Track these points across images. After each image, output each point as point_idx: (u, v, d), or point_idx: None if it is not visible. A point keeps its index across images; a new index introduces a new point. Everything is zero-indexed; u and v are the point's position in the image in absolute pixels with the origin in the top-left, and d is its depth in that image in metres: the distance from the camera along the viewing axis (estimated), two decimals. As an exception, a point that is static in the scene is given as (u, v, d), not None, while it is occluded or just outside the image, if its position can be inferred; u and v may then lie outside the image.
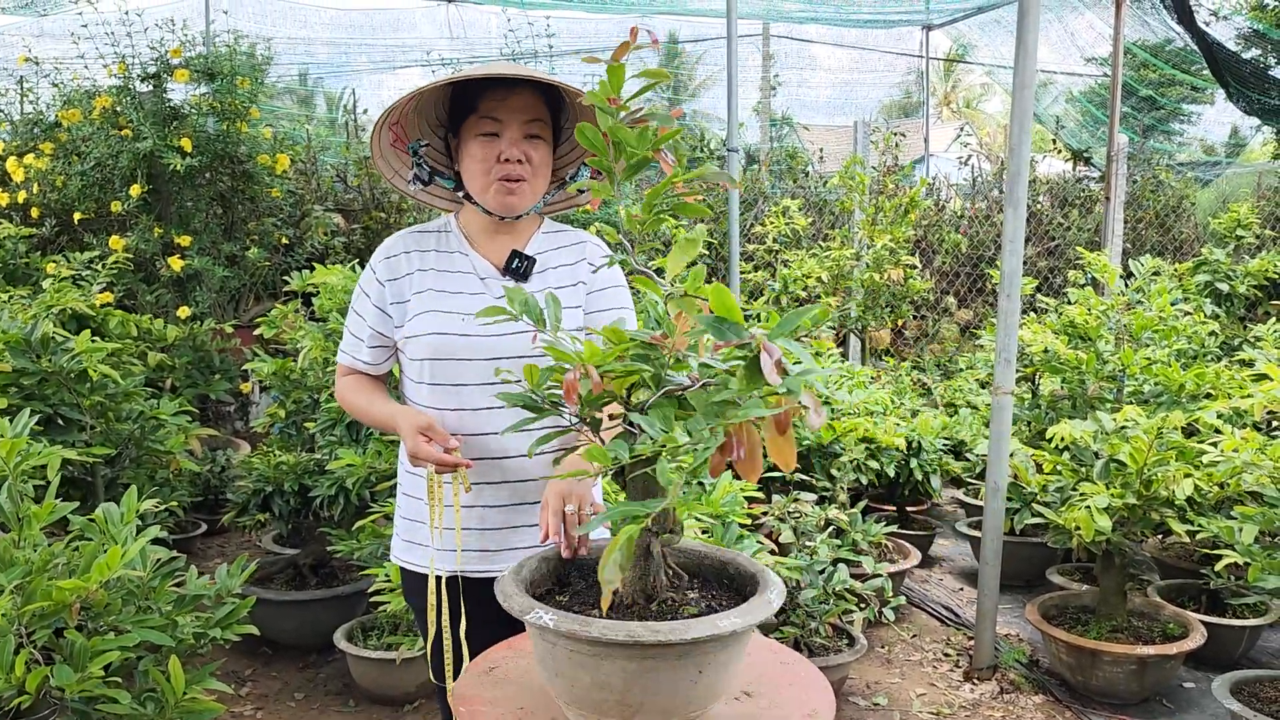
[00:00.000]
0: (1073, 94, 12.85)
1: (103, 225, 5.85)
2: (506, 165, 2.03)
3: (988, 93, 31.65)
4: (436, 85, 2.01)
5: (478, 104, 2.02)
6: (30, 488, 2.37)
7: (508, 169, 2.03)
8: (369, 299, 2.14)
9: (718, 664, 1.43)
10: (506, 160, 2.03)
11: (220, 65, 5.84)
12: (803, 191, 8.88)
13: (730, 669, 1.47)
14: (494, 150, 2.03)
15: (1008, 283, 3.90)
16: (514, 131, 2.03)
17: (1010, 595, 4.76)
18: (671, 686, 1.41)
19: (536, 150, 2.07)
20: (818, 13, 10.51)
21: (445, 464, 1.92)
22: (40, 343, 3.35)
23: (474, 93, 2.02)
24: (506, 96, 2.01)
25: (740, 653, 1.48)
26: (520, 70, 2.00)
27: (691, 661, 1.39)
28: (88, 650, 2.04)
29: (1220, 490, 3.55)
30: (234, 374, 5.30)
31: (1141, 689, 3.76)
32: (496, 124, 2.03)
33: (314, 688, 3.89)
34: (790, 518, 3.98)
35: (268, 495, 4.07)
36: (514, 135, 2.03)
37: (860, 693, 3.92)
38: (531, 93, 2.03)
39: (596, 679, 1.41)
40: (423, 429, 1.93)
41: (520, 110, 2.02)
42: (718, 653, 1.41)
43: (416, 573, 2.16)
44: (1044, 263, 9.21)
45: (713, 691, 1.46)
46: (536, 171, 2.08)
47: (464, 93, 2.06)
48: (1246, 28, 11.22)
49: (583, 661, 1.40)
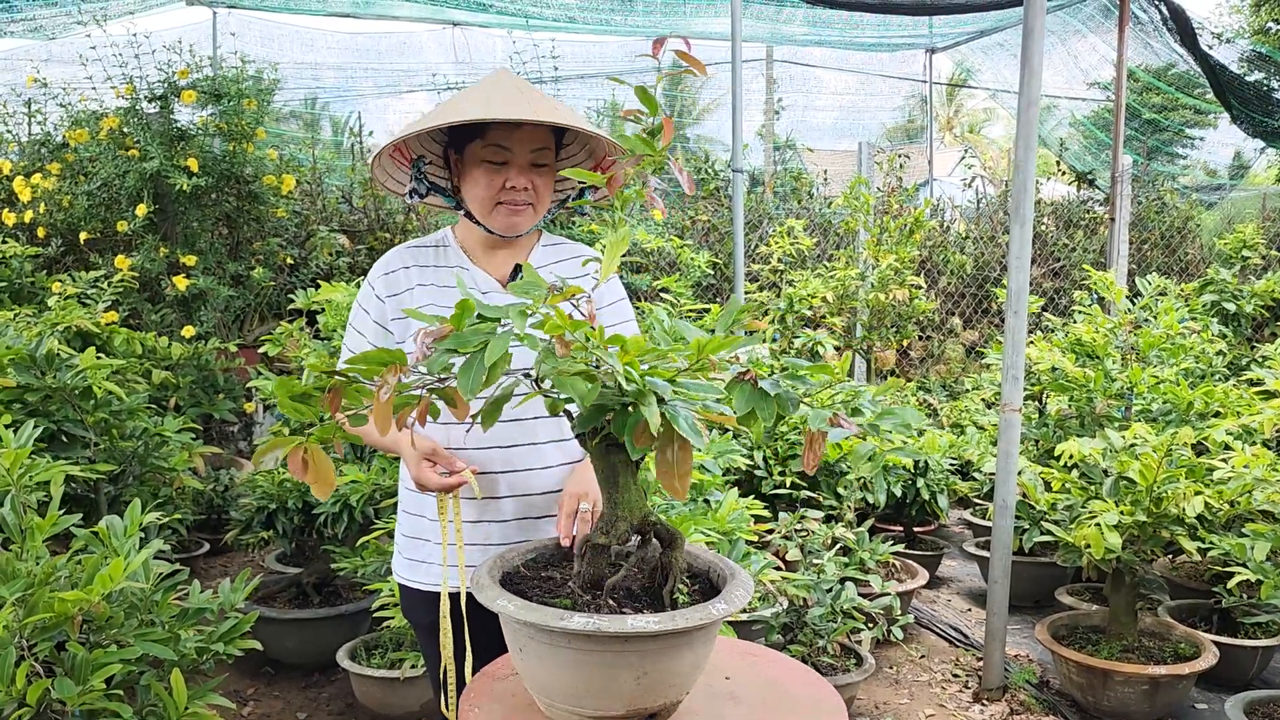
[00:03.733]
0: (1076, 118, 12.87)
1: (109, 245, 5.87)
2: (513, 192, 2.03)
3: (991, 118, 31.76)
4: (454, 123, 1.94)
5: (485, 131, 2.01)
6: (33, 499, 2.36)
7: (513, 195, 2.04)
8: (368, 315, 2.13)
9: (657, 662, 1.47)
10: (512, 188, 2.03)
11: (227, 87, 5.87)
12: (807, 212, 8.88)
13: (671, 670, 1.50)
14: (500, 179, 2.03)
15: (1014, 300, 3.88)
16: (521, 160, 2.03)
17: (1019, 616, 4.72)
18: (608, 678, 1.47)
19: (542, 177, 2.08)
20: (822, 36, 10.55)
21: (450, 487, 1.90)
22: (45, 359, 3.35)
23: None
24: (515, 129, 2.00)
25: (678, 656, 1.50)
26: (535, 116, 1.93)
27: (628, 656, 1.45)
28: (89, 663, 2.01)
29: (1231, 508, 3.52)
30: (238, 393, 5.29)
31: (1153, 710, 3.71)
32: (504, 152, 2.02)
33: (317, 707, 3.85)
34: (797, 536, 3.96)
35: (271, 512, 4.05)
36: (521, 164, 2.03)
37: (869, 713, 3.88)
38: None
39: (550, 666, 1.48)
40: (427, 455, 1.92)
41: (528, 141, 2.03)
42: (656, 651, 1.46)
43: (418, 590, 2.14)
44: (1049, 284, 9.20)
45: (653, 688, 1.49)
46: (540, 197, 2.09)
47: None
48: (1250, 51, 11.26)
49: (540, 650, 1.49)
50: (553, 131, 2.07)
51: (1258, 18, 16.28)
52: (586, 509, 1.82)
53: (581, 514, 1.80)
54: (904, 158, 8.24)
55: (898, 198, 7.22)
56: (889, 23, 10.01)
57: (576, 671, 1.46)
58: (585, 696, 1.48)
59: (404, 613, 2.26)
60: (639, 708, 1.50)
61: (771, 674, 1.77)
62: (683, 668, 1.51)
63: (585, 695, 1.48)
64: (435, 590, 2.07)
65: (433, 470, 1.90)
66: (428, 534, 2.10)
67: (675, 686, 1.51)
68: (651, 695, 1.49)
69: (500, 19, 9.44)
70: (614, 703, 1.48)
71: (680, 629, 1.44)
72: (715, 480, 3.57)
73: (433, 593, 2.07)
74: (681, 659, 1.49)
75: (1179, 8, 8.36)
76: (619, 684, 1.46)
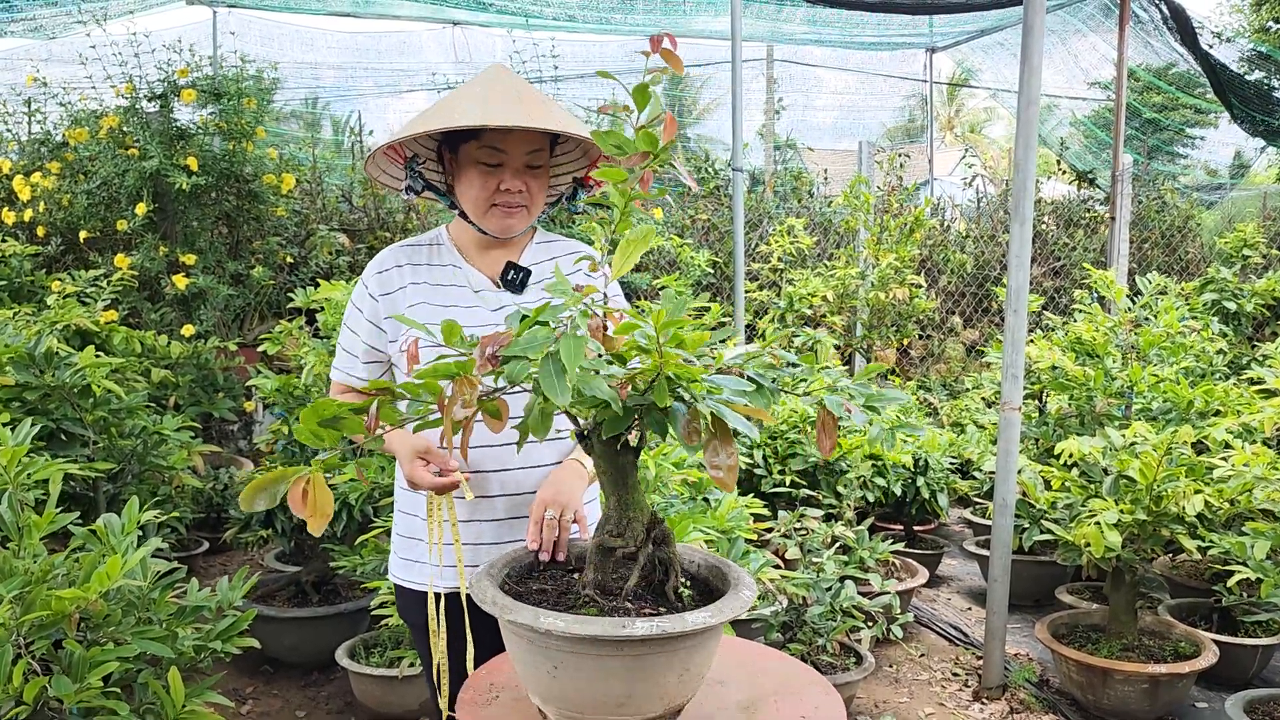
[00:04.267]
0: (1077, 117, 12.87)
1: (108, 244, 5.86)
2: (507, 194, 2.03)
3: (991, 118, 31.77)
4: (455, 129, 1.93)
5: (481, 133, 2.00)
6: (31, 497, 2.35)
7: (508, 198, 2.04)
8: (362, 314, 2.13)
9: (694, 655, 1.46)
10: (507, 190, 2.03)
11: (227, 86, 5.87)
12: (807, 211, 8.88)
13: (703, 663, 1.50)
14: (495, 180, 2.03)
15: (1014, 297, 3.88)
16: (516, 163, 2.03)
17: (1019, 615, 4.72)
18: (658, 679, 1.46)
19: (536, 179, 2.08)
20: (822, 35, 10.55)
21: (443, 488, 1.90)
22: (44, 357, 3.34)
23: None
24: (510, 131, 2.00)
25: (709, 648, 1.50)
26: (530, 122, 1.92)
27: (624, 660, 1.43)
28: (86, 661, 2.01)
29: (1231, 507, 3.51)
30: (238, 392, 5.29)
31: (1154, 708, 3.71)
32: (499, 154, 2.02)
33: (315, 706, 3.85)
34: (797, 534, 3.95)
35: (270, 510, 4.04)
36: (516, 166, 2.03)
37: (868, 712, 3.87)
38: None
39: (593, 678, 1.44)
40: (421, 453, 1.91)
41: (523, 143, 2.03)
42: (698, 646, 1.45)
43: (414, 590, 2.14)
44: (1049, 283, 9.19)
45: (689, 683, 1.49)
46: (535, 198, 2.09)
47: None
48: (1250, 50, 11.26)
49: (583, 664, 1.44)
50: (545, 135, 2.07)
51: (1258, 17, 16.29)
52: (553, 516, 1.82)
53: (548, 521, 1.81)
54: (904, 157, 8.24)
55: (898, 196, 7.22)
56: (889, 22, 10.01)
57: (627, 678, 1.42)
58: (629, 702, 1.45)
59: (400, 613, 2.26)
60: (674, 705, 1.50)
61: (770, 671, 1.77)
62: (709, 660, 1.52)
63: (630, 701, 1.45)
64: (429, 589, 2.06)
65: (426, 469, 1.90)
66: (422, 534, 2.10)
67: (701, 678, 1.53)
68: (686, 690, 1.50)
69: (500, 18, 9.44)
70: (656, 704, 1.47)
71: (724, 621, 1.44)
72: (714, 479, 3.56)
73: (427, 593, 2.07)
74: (710, 651, 1.51)
75: (1179, 7, 8.35)
76: (665, 683, 1.45)
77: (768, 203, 8.98)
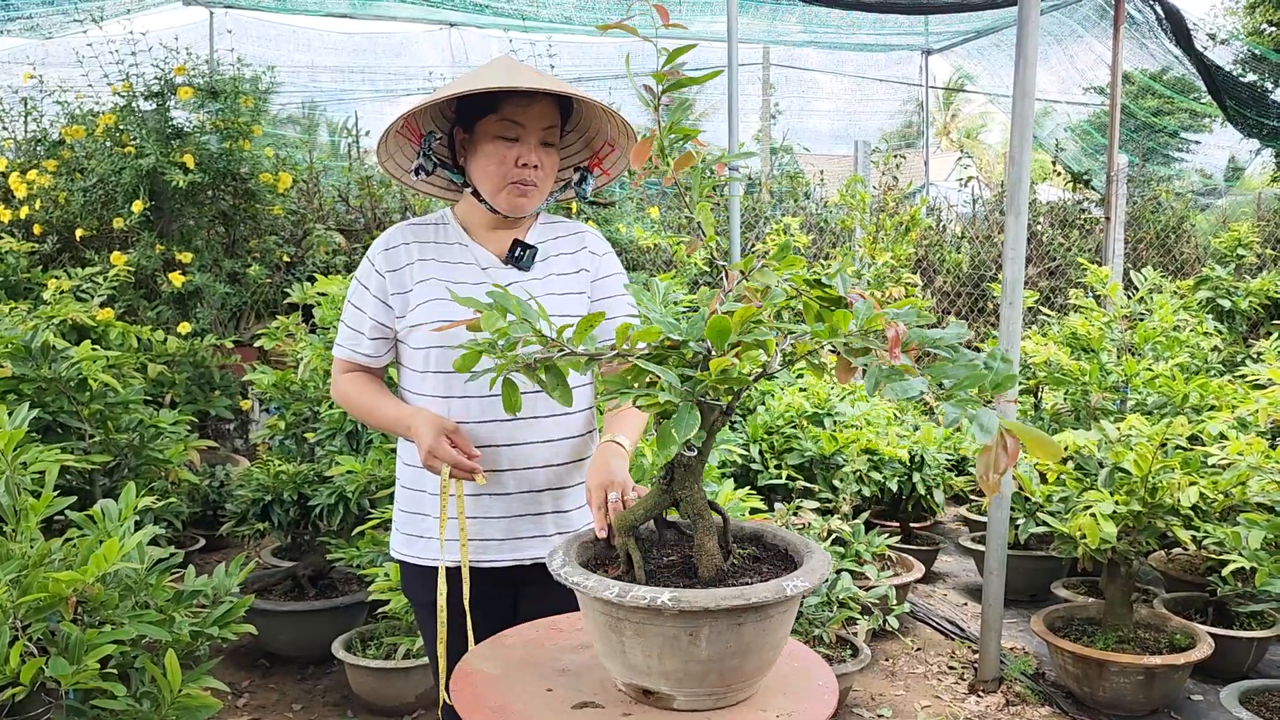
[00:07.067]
0: (1073, 121, 12.92)
1: (104, 242, 5.86)
2: (523, 170, 2.04)
3: (987, 123, 31.87)
4: (484, 89, 1.95)
5: (500, 105, 2.01)
6: (28, 480, 2.36)
7: (524, 174, 2.05)
8: (368, 291, 2.13)
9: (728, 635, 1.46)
10: (524, 165, 2.04)
11: (223, 84, 5.87)
12: (803, 212, 8.90)
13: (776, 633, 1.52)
14: (513, 154, 2.04)
15: (1010, 291, 3.89)
16: (533, 137, 2.05)
17: (1015, 610, 4.72)
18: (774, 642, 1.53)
19: (549, 156, 2.10)
20: (817, 36, 10.58)
21: (462, 468, 1.90)
22: (40, 350, 3.34)
23: (496, 93, 2.01)
24: (530, 104, 2.01)
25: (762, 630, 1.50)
26: (558, 85, 1.99)
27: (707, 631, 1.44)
28: (83, 643, 2.01)
29: (1225, 499, 3.53)
30: (234, 390, 5.28)
31: (1149, 700, 3.72)
32: (518, 128, 2.03)
33: (312, 699, 3.85)
34: (793, 527, 3.96)
35: (267, 504, 4.04)
36: (533, 141, 2.05)
37: (864, 704, 3.88)
38: (550, 101, 2.05)
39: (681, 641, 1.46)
40: (449, 432, 1.93)
41: (541, 117, 2.04)
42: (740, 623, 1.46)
43: (416, 565, 2.14)
44: (1045, 282, 9.21)
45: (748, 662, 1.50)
46: (547, 176, 2.10)
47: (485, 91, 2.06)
48: (1245, 51, 11.30)
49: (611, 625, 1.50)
50: (559, 111, 2.08)
51: (1252, 19, 16.35)
52: (615, 498, 1.81)
53: (612, 504, 1.80)
54: (900, 157, 8.26)
55: (894, 195, 7.24)
56: (885, 23, 10.04)
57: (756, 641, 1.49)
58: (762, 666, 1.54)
59: (403, 590, 2.26)
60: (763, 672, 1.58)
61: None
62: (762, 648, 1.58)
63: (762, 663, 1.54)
64: (433, 565, 2.07)
65: (451, 448, 1.90)
66: (427, 508, 2.10)
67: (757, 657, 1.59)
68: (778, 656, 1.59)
69: (496, 20, 9.47)
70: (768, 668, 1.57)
71: (817, 584, 1.53)
72: (711, 472, 3.57)
73: (431, 567, 2.07)
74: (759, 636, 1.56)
75: (1174, 8, 8.39)
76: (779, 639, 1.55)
77: (764, 204, 9.00)
